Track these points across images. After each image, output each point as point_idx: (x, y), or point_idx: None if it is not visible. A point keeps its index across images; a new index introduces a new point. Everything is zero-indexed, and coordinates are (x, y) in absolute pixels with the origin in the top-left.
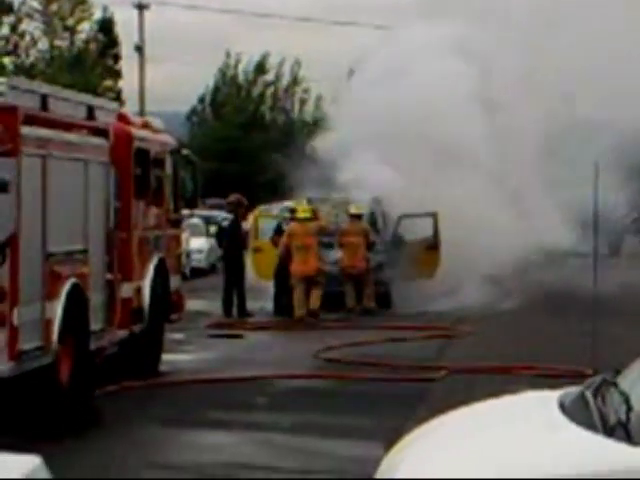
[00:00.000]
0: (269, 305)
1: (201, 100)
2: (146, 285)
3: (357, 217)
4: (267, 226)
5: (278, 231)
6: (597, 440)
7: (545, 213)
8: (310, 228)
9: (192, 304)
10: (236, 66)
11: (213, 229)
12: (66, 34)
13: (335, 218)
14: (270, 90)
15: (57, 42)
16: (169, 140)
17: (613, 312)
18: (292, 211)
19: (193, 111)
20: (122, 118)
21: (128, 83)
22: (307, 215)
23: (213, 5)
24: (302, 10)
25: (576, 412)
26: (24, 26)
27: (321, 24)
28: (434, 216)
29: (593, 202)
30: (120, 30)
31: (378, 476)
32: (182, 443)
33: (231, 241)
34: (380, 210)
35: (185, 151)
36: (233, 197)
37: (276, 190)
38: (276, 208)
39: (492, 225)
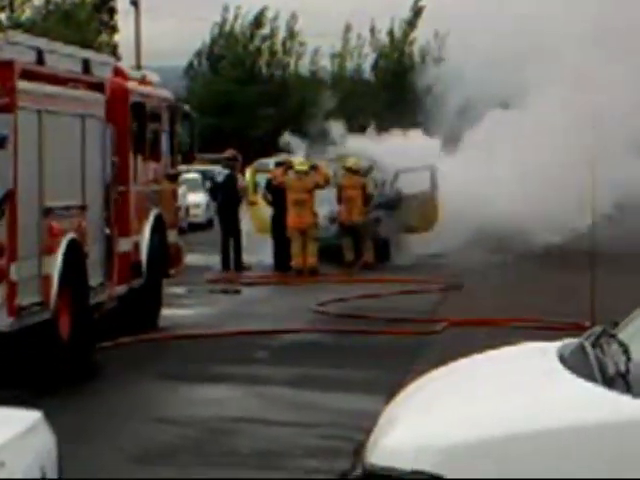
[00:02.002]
0: (267, 259)
1: (198, 54)
2: (144, 240)
3: (354, 171)
4: (264, 180)
5: (268, 187)
6: (597, 391)
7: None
8: (307, 182)
9: (191, 258)
10: (235, 20)
11: (210, 184)
12: None
13: (333, 172)
14: (267, 44)
15: None
16: (166, 94)
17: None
18: (282, 164)
19: (191, 65)
20: (118, 72)
21: (124, 38)
22: (304, 168)
23: None
24: None
25: (575, 363)
26: None
27: None
28: (432, 169)
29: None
30: None
31: (377, 430)
32: (181, 397)
33: (227, 196)
34: (378, 164)
35: (182, 105)
36: (228, 152)
37: (272, 144)
38: (273, 162)
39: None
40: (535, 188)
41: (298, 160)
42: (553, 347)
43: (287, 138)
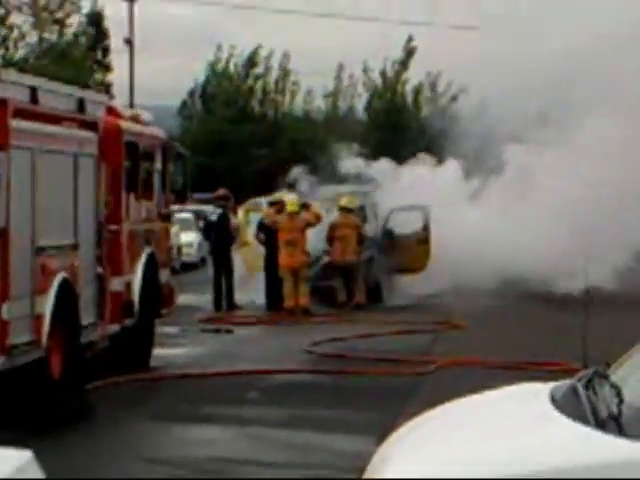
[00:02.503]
0: (259, 298)
1: (191, 94)
2: (136, 279)
3: (348, 210)
4: (257, 219)
5: (261, 227)
6: (589, 433)
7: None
8: (298, 222)
9: (183, 298)
10: (228, 60)
11: (202, 223)
12: (55, 27)
13: (325, 211)
14: (260, 83)
15: (46, 35)
16: (159, 133)
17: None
18: (275, 203)
19: (184, 104)
20: (112, 111)
21: (118, 76)
22: (294, 209)
23: None
24: (291, 3)
25: (568, 405)
26: (13, 19)
27: (309, 16)
28: (424, 210)
29: None
30: (109, 23)
31: (369, 470)
32: (173, 438)
33: (220, 235)
34: (371, 203)
35: (175, 145)
36: (221, 191)
37: (265, 183)
38: (265, 202)
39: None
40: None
41: (290, 200)
42: (545, 388)
43: (296, 174)
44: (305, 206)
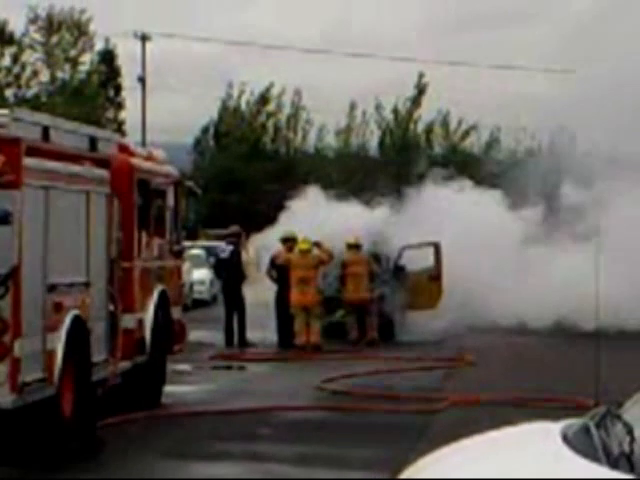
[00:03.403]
0: (271, 336)
1: (204, 131)
2: (148, 316)
3: (356, 247)
4: (269, 256)
5: (273, 264)
6: (601, 472)
7: None
8: (310, 260)
9: (194, 335)
10: (239, 97)
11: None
12: (68, 65)
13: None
14: (272, 120)
15: (59, 73)
16: (171, 171)
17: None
18: (287, 240)
19: (198, 142)
20: (124, 149)
21: (131, 114)
22: (307, 247)
23: (216, 36)
24: (306, 42)
25: (579, 444)
26: (26, 57)
27: (323, 55)
28: (436, 246)
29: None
30: (122, 61)
31: None
32: (185, 475)
33: (231, 272)
34: (382, 240)
35: (187, 182)
36: (233, 228)
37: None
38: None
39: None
40: None
41: (301, 238)
42: (556, 427)
43: None
44: (316, 244)
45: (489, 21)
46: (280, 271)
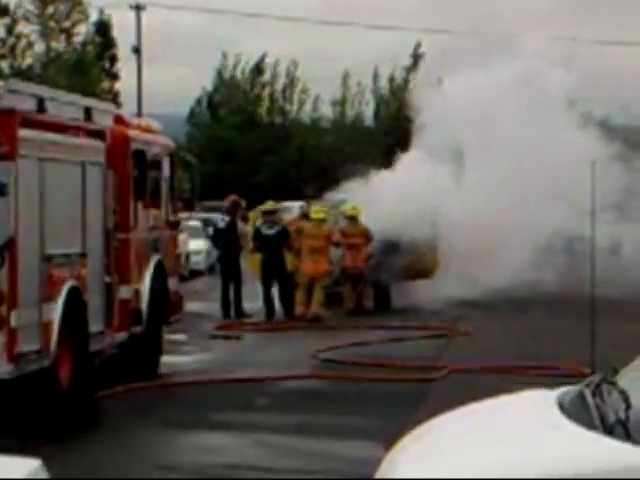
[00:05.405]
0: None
1: (199, 102)
2: (145, 287)
3: (354, 218)
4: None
5: (256, 237)
6: (596, 439)
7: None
8: (324, 230)
9: (191, 306)
10: (234, 68)
11: (211, 231)
12: (62, 37)
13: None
14: (267, 91)
15: (54, 45)
16: (166, 142)
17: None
18: (266, 213)
19: (192, 112)
20: (119, 120)
21: (126, 85)
22: (321, 216)
23: (210, 6)
24: (299, 10)
25: (575, 411)
26: (20, 29)
27: (318, 24)
28: (432, 213)
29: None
30: (117, 32)
31: (378, 477)
32: (183, 445)
33: (228, 243)
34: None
35: (183, 153)
36: (231, 198)
37: (273, 191)
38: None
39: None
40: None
41: (315, 208)
42: (553, 395)
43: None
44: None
45: None
46: (268, 242)
